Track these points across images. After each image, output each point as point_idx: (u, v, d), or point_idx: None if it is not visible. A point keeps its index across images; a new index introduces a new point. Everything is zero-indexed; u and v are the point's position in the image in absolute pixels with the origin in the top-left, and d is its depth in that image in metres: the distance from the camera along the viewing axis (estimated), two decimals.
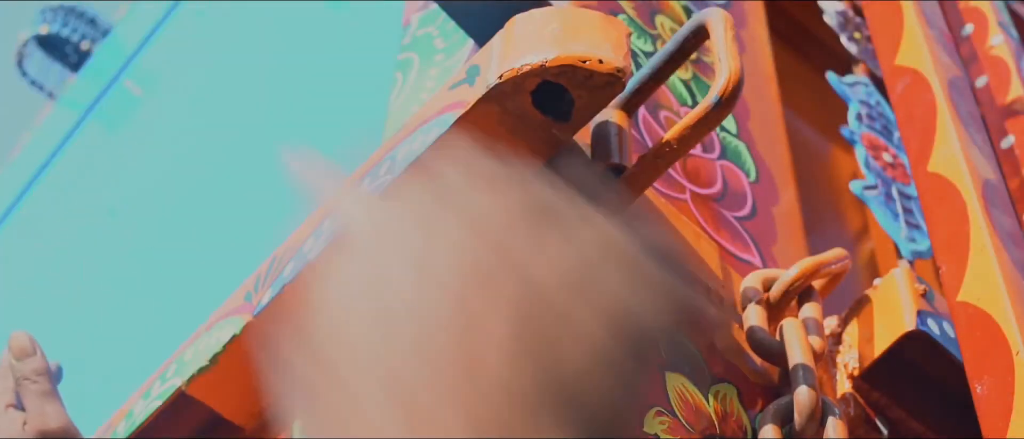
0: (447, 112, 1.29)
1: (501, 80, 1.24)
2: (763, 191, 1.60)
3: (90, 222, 2.97)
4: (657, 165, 1.26)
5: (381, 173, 1.34)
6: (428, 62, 1.74)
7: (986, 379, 1.21)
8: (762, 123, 1.71)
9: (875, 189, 1.69)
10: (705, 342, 1.30)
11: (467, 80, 1.30)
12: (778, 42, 2.02)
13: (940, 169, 1.43)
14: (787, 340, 1.28)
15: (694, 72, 1.68)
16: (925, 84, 1.55)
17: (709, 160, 1.56)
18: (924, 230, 1.66)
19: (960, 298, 1.29)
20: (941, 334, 1.37)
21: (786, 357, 1.27)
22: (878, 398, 1.38)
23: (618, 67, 1.23)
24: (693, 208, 1.46)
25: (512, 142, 1.28)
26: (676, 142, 1.24)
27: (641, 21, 1.68)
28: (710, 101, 1.22)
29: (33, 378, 1.42)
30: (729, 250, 1.45)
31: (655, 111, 1.54)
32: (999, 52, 1.69)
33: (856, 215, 2.08)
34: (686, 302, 1.24)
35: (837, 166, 2.15)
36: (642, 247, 0.79)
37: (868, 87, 1.91)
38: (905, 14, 1.68)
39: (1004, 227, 1.35)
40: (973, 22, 1.77)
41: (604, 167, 1.30)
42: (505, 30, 1.32)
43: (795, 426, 1.23)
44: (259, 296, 1.41)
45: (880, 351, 1.38)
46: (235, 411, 1.45)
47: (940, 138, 1.46)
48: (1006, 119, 1.60)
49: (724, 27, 1.26)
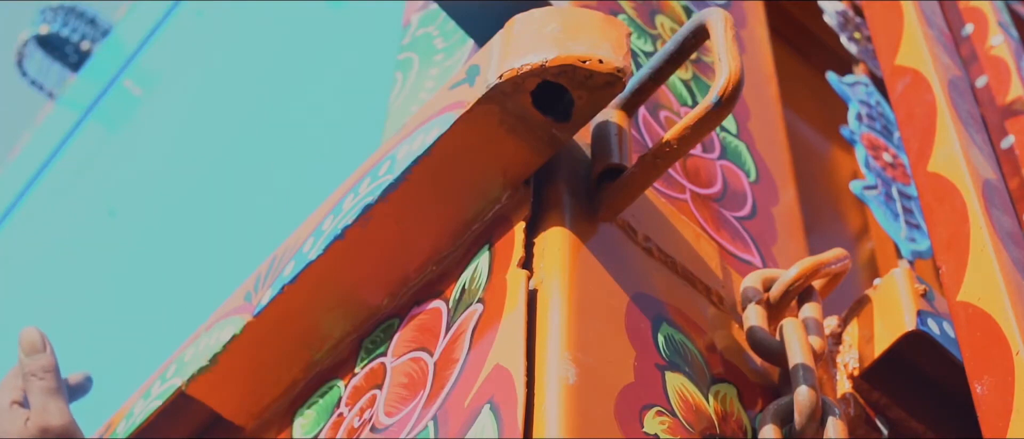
0: (447, 112, 1.29)
1: (501, 80, 1.24)
2: (763, 191, 1.60)
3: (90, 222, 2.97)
4: (657, 165, 1.26)
5: (381, 173, 1.34)
6: (428, 62, 1.74)
7: (986, 379, 1.21)
8: (762, 123, 1.71)
9: (875, 189, 1.69)
10: (705, 342, 1.30)
11: (467, 80, 1.31)
12: (778, 42, 2.02)
13: (940, 169, 1.43)
14: (787, 340, 1.28)
15: (694, 72, 1.68)
16: (925, 84, 1.55)
17: (709, 160, 1.56)
18: (924, 230, 1.66)
19: (960, 298, 1.29)
20: (941, 334, 1.37)
21: (786, 357, 1.27)
22: (878, 398, 1.38)
23: (618, 67, 1.23)
24: (693, 208, 1.46)
25: (512, 142, 1.28)
26: (676, 142, 1.24)
27: (641, 21, 1.68)
28: (710, 101, 1.22)
29: (40, 375, 1.42)
30: (729, 250, 1.45)
31: (655, 111, 1.54)
32: (999, 52, 1.69)
33: (856, 215, 2.08)
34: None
35: (837, 166, 2.16)
36: None
37: (868, 87, 1.91)
38: (905, 14, 1.68)
39: (1004, 227, 1.35)
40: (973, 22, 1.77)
41: (604, 167, 1.30)
42: (505, 30, 1.32)
43: (795, 426, 1.23)
44: (259, 296, 1.41)
45: (880, 351, 1.38)
46: (235, 411, 1.45)
47: (940, 138, 1.46)
48: (1006, 119, 1.60)
49: (724, 27, 1.26)
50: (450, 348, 1.23)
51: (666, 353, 1.24)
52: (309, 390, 1.40)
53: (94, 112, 3.67)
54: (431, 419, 1.18)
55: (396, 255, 1.34)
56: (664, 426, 1.18)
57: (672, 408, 1.20)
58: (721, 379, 1.29)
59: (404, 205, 1.31)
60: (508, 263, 1.24)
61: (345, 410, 1.32)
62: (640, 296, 1.26)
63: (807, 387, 1.23)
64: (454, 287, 1.30)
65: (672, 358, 1.24)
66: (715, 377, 1.28)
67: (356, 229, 1.33)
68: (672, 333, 1.27)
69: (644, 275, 1.29)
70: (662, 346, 1.24)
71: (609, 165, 1.29)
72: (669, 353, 1.24)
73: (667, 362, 1.23)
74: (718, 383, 1.28)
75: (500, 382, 1.13)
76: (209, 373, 1.43)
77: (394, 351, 1.31)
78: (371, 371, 1.32)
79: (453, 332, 1.24)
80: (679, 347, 1.26)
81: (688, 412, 1.21)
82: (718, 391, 1.27)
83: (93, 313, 2.52)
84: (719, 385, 1.28)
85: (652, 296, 1.28)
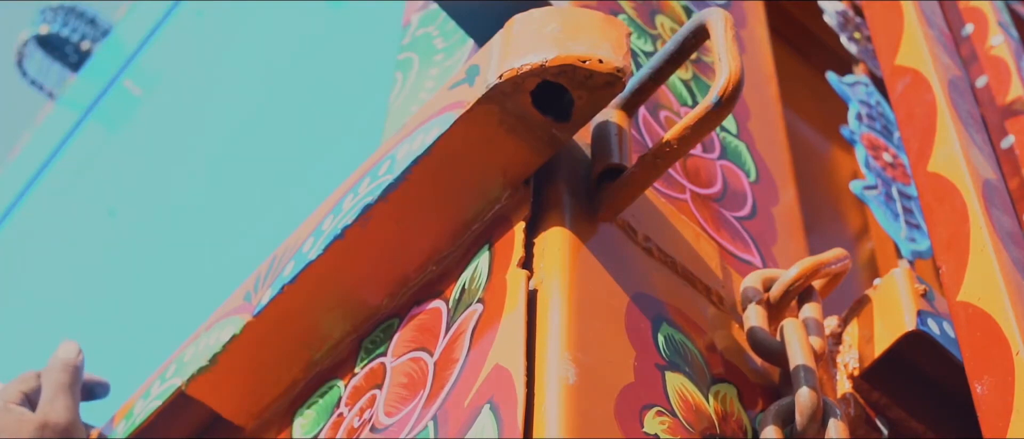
0: (447, 112, 1.29)
1: (501, 80, 1.24)
2: (763, 191, 1.60)
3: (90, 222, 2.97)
4: (657, 165, 1.26)
5: (381, 173, 1.34)
6: (428, 62, 1.74)
7: (986, 379, 1.21)
8: (762, 123, 1.71)
9: (875, 189, 1.69)
10: (705, 342, 1.30)
11: (467, 80, 1.30)
12: (778, 42, 2.02)
13: (940, 169, 1.43)
14: (788, 341, 1.28)
15: (694, 72, 1.68)
16: (925, 84, 1.55)
17: (709, 160, 1.56)
18: (924, 230, 1.66)
19: (960, 298, 1.29)
20: (941, 334, 1.37)
21: (787, 358, 1.27)
22: (878, 398, 1.38)
23: (618, 67, 1.23)
24: (693, 208, 1.46)
25: (512, 142, 1.28)
26: (676, 142, 1.24)
27: (641, 21, 1.68)
28: (710, 101, 1.22)
29: (60, 368, 1.46)
30: (729, 250, 1.45)
31: (655, 111, 1.54)
32: (999, 52, 1.69)
33: (856, 215, 2.08)
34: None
35: (837, 166, 2.15)
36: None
37: (868, 87, 1.91)
38: (905, 14, 1.68)
39: (1004, 227, 1.35)
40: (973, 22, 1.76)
41: (604, 167, 1.30)
42: (505, 30, 1.32)
43: (797, 427, 1.23)
44: (259, 296, 1.41)
45: (880, 351, 1.37)
46: (235, 411, 1.45)
47: (940, 138, 1.46)
48: (1006, 119, 1.60)
49: (724, 27, 1.26)
50: (450, 348, 1.23)
51: (666, 353, 1.24)
52: (309, 390, 1.40)
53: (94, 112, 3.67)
54: (431, 419, 1.18)
55: (396, 255, 1.34)
56: (664, 426, 1.18)
57: (672, 408, 1.20)
58: (721, 379, 1.29)
59: (404, 205, 1.31)
60: (508, 263, 1.24)
61: (345, 410, 1.32)
62: (640, 296, 1.26)
63: (808, 388, 1.23)
64: (454, 287, 1.30)
65: (672, 358, 1.24)
66: (715, 377, 1.28)
67: (356, 229, 1.33)
68: (672, 333, 1.27)
69: (644, 275, 1.29)
70: (662, 346, 1.24)
71: (609, 165, 1.29)
72: (669, 353, 1.24)
73: (667, 362, 1.23)
74: (718, 383, 1.28)
75: (500, 382, 1.13)
76: (209, 373, 1.43)
77: (394, 351, 1.31)
78: (371, 371, 1.32)
79: (453, 332, 1.24)
80: (679, 347, 1.26)
81: (688, 412, 1.21)
82: (718, 391, 1.27)
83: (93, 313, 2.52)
84: (719, 385, 1.28)
85: (652, 296, 1.28)
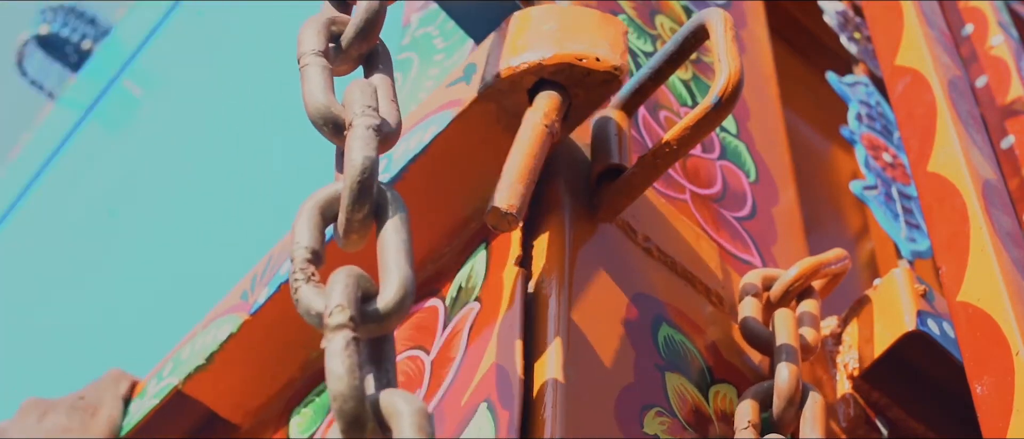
0: (444, 110, 1.29)
1: (498, 78, 1.24)
2: (763, 191, 1.59)
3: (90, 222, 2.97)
4: (657, 165, 1.26)
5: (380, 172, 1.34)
6: (428, 62, 1.74)
7: (986, 379, 1.21)
8: (762, 123, 1.71)
9: (875, 189, 1.69)
10: (705, 342, 1.30)
11: (464, 78, 1.30)
12: (778, 42, 2.02)
13: (940, 169, 1.43)
14: (776, 329, 1.28)
15: (694, 72, 1.67)
16: (925, 84, 1.55)
17: (709, 160, 1.56)
18: (924, 230, 1.65)
19: (960, 298, 1.29)
20: (941, 334, 1.37)
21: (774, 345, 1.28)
22: (878, 398, 1.38)
23: (615, 65, 1.23)
24: (693, 208, 1.45)
25: (509, 140, 1.27)
26: (676, 142, 1.24)
27: (641, 21, 1.67)
28: (710, 101, 1.22)
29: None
30: (729, 250, 1.44)
31: (655, 111, 1.54)
32: (999, 52, 1.69)
33: (856, 215, 2.07)
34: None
35: (837, 166, 2.15)
36: None
37: (868, 87, 1.91)
38: (905, 14, 1.68)
39: (1004, 227, 1.35)
40: (973, 22, 1.76)
41: (604, 167, 1.30)
42: (503, 28, 1.31)
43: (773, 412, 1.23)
44: (255, 295, 1.40)
45: (880, 351, 1.37)
46: (231, 409, 1.45)
47: (940, 138, 1.46)
48: (1006, 119, 1.60)
49: (724, 27, 1.26)
50: (447, 346, 1.23)
51: (666, 353, 1.24)
52: (306, 388, 1.40)
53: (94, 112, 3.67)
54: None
55: None
56: (664, 426, 1.17)
57: (672, 408, 1.20)
58: (721, 379, 1.28)
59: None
60: (505, 261, 1.23)
61: None
62: (640, 296, 1.26)
63: (787, 372, 1.23)
64: (451, 285, 1.29)
65: (672, 358, 1.24)
66: (715, 377, 1.28)
67: None
68: (672, 333, 1.26)
69: (644, 275, 1.29)
70: (662, 346, 1.24)
71: (609, 165, 1.29)
72: (669, 353, 1.24)
73: (666, 362, 1.23)
74: (718, 383, 1.28)
75: (497, 381, 1.13)
76: (205, 371, 1.43)
77: None
78: None
79: (449, 330, 1.24)
80: (679, 347, 1.26)
81: (688, 412, 1.21)
82: (718, 391, 1.27)
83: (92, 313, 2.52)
84: (719, 385, 1.28)
85: (652, 296, 1.28)
